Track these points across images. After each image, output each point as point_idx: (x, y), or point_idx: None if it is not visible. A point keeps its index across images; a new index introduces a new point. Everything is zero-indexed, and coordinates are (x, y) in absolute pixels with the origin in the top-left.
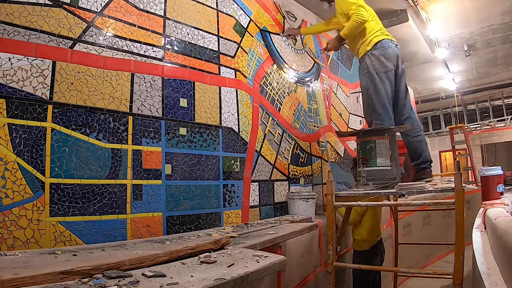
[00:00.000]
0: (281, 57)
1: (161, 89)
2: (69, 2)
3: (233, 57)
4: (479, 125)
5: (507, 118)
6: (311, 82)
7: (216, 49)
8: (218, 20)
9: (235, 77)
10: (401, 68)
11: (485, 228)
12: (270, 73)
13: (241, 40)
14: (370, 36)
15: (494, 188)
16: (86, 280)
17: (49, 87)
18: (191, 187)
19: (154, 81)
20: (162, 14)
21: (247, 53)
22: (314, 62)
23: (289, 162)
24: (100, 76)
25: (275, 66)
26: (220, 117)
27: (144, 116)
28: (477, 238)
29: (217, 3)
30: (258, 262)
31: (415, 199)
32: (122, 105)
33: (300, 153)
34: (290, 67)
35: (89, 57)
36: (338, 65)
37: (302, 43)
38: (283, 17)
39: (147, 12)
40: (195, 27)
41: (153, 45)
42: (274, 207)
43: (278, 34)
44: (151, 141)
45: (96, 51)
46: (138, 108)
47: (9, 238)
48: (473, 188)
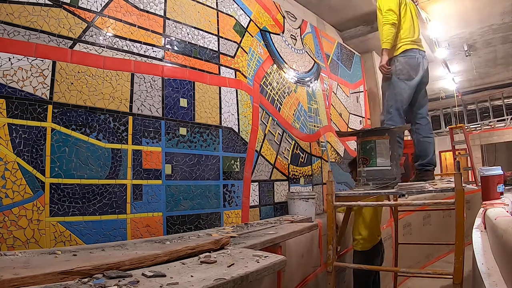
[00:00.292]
0: (281, 57)
1: (161, 89)
2: (69, 2)
3: (233, 57)
4: (479, 125)
5: (507, 118)
6: (311, 82)
7: (216, 49)
8: (218, 20)
9: (235, 77)
10: (425, 78)
11: (485, 228)
12: (270, 73)
13: (241, 40)
14: (400, 43)
15: (494, 188)
16: (86, 280)
17: (49, 87)
18: (191, 187)
19: (154, 81)
20: (162, 14)
21: (247, 53)
22: (314, 62)
23: (289, 162)
24: (100, 76)
25: (275, 66)
26: (220, 117)
27: (144, 116)
28: (477, 238)
29: (217, 3)
30: (258, 262)
31: (415, 199)
32: (122, 105)
33: (300, 153)
34: (290, 67)
35: (89, 57)
36: (338, 65)
37: (302, 43)
38: (283, 17)
39: (147, 12)
40: (195, 27)
41: (153, 45)
42: (274, 207)
43: (278, 34)
44: (151, 141)
45: (96, 51)
46: (138, 108)
47: (9, 238)
48: (473, 188)
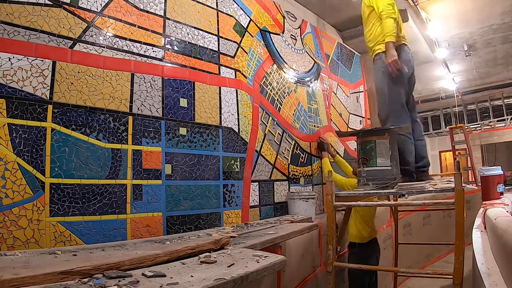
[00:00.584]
0: (281, 57)
1: (161, 89)
2: (69, 2)
3: (233, 57)
4: (479, 125)
5: (507, 118)
6: (311, 82)
7: (216, 49)
8: (218, 20)
9: (235, 77)
10: (413, 75)
11: (485, 228)
12: (270, 73)
13: (241, 40)
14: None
15: (494, 188)
16: (86, 280)
17: (49, 87)
18: (191, 187)
19: (154, 81)
20: (162, 14)
21: (247, 53)
22: (314, 62)
23: (289, 162)
24: (100, 76)
25: (275, 66)
26: (220, 117)
27: (144, 116)
28: (477, 238)
29: (217, 3)
30: (258, 262)
31: (415, 199)
32: (122, 105)
33: (300, 153)
34: (290, 67)
35: (89, 57)
36: (338, 65)
37: (302, 43)
38: (283, 17)
39: (147, 12)
40: (195, 27)
41: (153, 45)
42: (274, 207)
43: (278, 34)
44: (151, 141)
45: (96, 51)
46: (138, 108)
47: (9, 238)
48: (473, 188)
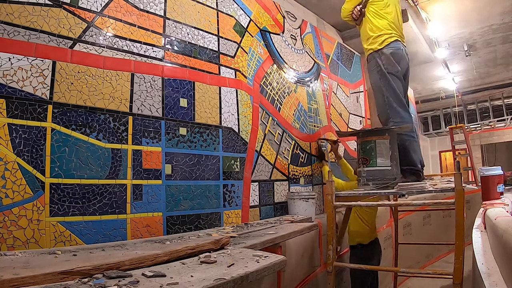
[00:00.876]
0: (281, 57)
1: (161, 89)
2: (69, 2)
3: (233, 57)
4: (479, 125)
5: (507, 118)
6: (311, 82)
7: (216, 49)
8: (218, 20)
9: (235, 77)
10: (408, 70)
11: (485, 228)
12: (270, 73)
13: (241, 40)
14: (384, 35)
15: (494, 188)
16: (86, 280)
17: (49, 87)
18: (191, 187)
19: (154, 81)
20: (162, 14)
21: (247, 53)
22: (314, 62)
23: (289, 162)
24: (100, 76)
25: (275, 66)
26: (220, 117)
27: (144, 116)
28: (477, 238)
29: (217, 3)
30: (258, 262)
31: (415, 199)
32: (122, 105)
33: (300, 153)
34: (290, 67)
35: (89, 57)
36: (338, 65)
37: (302, 43)
38: (283, 17)
39: (147, 12)
40: (195, 27)
41: (153, 45)
42: (274, 207)
43: (278, 34)
44: (151, 141)
45: (96, 51)
46: (138, 108)
47: (9, 238)
48: (473, 188)
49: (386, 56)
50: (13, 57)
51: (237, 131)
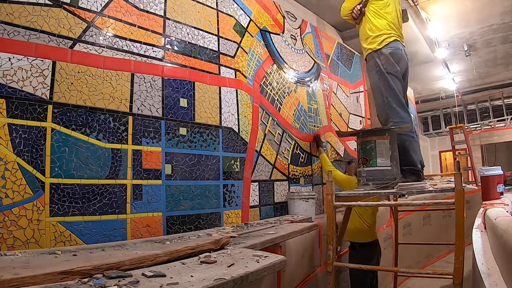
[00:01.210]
0: (281, 57)
1: (161, 89)
2: (69, 2)
3: (233, 57)
4: (479, 125)
5: (507, 118)
6: (311, 82)
7: (216, 49)
8: (218, 20)
9: (235, 77)
10: (407, 70)
11: (485, 228)
12: (270, 73)
13: (241, 40)
14: (384, 35)
15: (494, 188)
16: (86, 280)
17: (49, 87)
18: (191, 187)
19: (154, 81)
20: (162, 14)
21: (247, 53)
22: (314, 62)
23: (289, 162)
24: (100, 76)
25: (275, 66)
26: (220, 117)
27: (144, 116)
28: (477, 238)
29: (217, 3)
30: (258, 262)
31: (415, 199)
32: (122, 105)
33: (300, 153)
34: (290, 67)
35: (89, 57)
36: (338, 65)
37: (302, 43)
38: (283, 17)
39: (147, 12)
40: (195, 27)
41: (153, 45)
42: (274, 207)
43: (278, 34)
44: (151, 141)
45: (96, 51)
46: (138, 108)
47: (9, 238)
48: (473, 188)
49: (385, 56)
50: (13, 57)
51: (237, 131)
